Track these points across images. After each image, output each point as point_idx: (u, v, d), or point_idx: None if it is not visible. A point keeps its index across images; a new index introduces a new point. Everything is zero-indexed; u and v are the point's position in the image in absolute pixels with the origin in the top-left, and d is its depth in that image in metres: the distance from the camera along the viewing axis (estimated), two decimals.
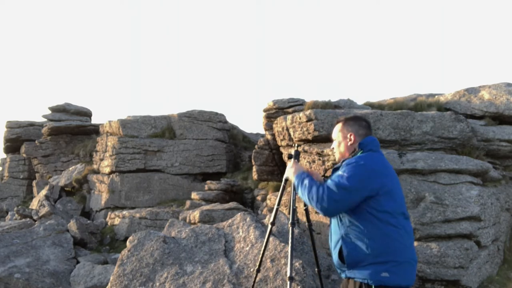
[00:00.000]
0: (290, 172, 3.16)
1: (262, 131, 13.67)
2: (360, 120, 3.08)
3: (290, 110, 10.60)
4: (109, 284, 4.79)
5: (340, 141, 3.05)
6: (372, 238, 2.66)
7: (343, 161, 2.94)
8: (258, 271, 3.94)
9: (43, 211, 14.45)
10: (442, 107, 9.21)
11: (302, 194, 2.89)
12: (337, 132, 3.09)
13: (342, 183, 2.69)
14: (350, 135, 3.00)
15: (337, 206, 2.69)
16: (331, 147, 3.21)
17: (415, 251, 2.82)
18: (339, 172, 2.81)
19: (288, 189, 3.82)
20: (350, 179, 2.68)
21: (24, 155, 21.97)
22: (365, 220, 2.70)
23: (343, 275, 2.86)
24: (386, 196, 2.71)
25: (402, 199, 2.83)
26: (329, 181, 2.78)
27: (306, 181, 2.89)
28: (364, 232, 2.68)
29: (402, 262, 2.66)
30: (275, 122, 10.03)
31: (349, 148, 3.00)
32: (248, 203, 13.13)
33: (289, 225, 3.40)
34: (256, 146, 12.24)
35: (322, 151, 7.81)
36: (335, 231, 2.86)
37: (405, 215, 2.80)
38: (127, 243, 5.24)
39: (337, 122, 3.13)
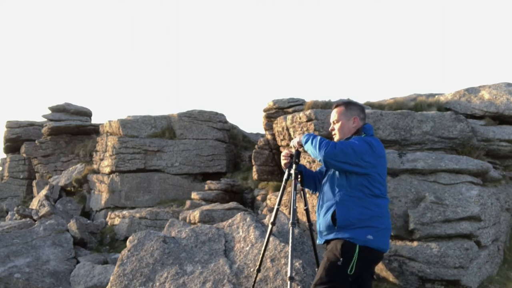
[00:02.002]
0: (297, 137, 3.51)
1: (262, 131, 13.66)
2: (358, 105, 3.55)
3: (290, 110, 10.59)
4: (109, 284, 4.80)
5: (344, 123, 3.37)
6: (366, 206, 3.08)
7: (345, 139, 3.30)
8: (258, 271, 3.95)
9: (43, 211, 14.45)
10: (442, 107, 9.20)
11: (312, 144, 3.21)
12: (339, 115, 3.40)
13: (352, 143, 3.13)
14: (354, 118, 3.35)
15: (342, 157, 3.06)
16: (330, 128, 3.50)
17: (390, 221, 3.32)
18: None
19: (288, 189, 3.83)
20: (358, 145, 3.11)
21: (24, 155, 21.96)
22: (361, 191, 3.11)
23: (322, 240, 3.26)
24: (379, 177, 3.17)
25: (385, 168, 3.34)
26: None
27: (318, 136, 3.27)
28: (360, 200, 3.09)
29: (383, 229, 3.13)
30: (275, 122, 10.02)
31: (351, 130, 3.35)
32: (248, 203, 13.12)
33: (289, 225, 3.41)
34: (256, 146, 12.23)
35: None
36: (328, 198, 3.22)
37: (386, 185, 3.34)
38: (127, 243, 5.24)
39: (337, 106, 3.45)
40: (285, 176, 3.65)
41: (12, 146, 22.89)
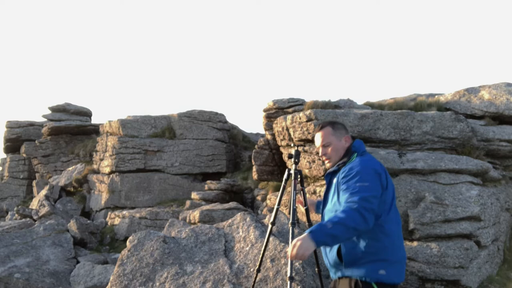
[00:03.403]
0: (304, 246, 2.59)
1: (262, 131, 13.67)
2: (340, 122, 3.22)
3: (290, 110, 10.59)
4: (109, 284, 4.80)
5: (336, 144, 3.06)
6: (373, 237, 2.74)
7: (337, 165, 3.01)
8: (258, 271, 3.95)
9: (43, 211, 14.46)
10: (442, 107, 9.20)
11: (340, 233, 2.57)
12: (328, 137, 3.08)
13: (370, 193, 2.68)
14: (346, 138, 3.08)
15: (371, 213, 2.64)
16: (321, 154, 3.12)
17: (404, 249, 2.95)
18: (348, 181, 2.79)
19: (288, 189, 3.83)
20: (372, 188, 2.71)
21: (24, 155, 21.97)
22: None
23: (335, 275, 2.92)
24: (382, 198, 2.79)
25: (393, 190, 2.91)
26: (352, 198, 2.67)
27: (331, 225, 2.59)
28: (366, 232, 2.70)
29: (396, 261, 2.78)
30: (275, 122, 10.02)
31: (344, 149, 3.07)
32: (248, 203, 13.13)
33: (289, 225, 3.41)
34: (256, 146, 12.23)
35: None
36: None
37: (396, 209, 2.92)
38: (127, 243, 5.24)
39: (322, 128, 3.12)
40: (285, 176, 3.65)
41: (12, 146, 22.90)
